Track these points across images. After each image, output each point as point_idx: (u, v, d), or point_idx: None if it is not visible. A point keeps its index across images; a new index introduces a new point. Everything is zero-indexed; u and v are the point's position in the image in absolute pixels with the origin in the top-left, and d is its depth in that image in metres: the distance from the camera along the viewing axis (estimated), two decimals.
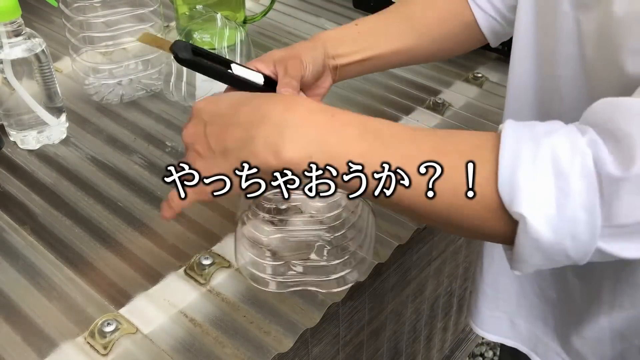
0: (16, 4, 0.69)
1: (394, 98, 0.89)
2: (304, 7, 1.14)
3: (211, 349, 0.54)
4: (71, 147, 0.78)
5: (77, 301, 0.58)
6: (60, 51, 0.96)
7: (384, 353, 0.87)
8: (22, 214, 0.68)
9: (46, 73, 0.74)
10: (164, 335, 0.55)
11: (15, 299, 0.58)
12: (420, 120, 0.85)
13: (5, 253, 0.63)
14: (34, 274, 0.61)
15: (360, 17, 0.70)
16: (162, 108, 0.85)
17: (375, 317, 0.80)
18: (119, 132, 0.81)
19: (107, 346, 0.54)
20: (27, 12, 0.78)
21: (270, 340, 0.55)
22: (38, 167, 0.74)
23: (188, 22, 0.96)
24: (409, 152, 0.41)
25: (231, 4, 0.95)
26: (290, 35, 1.05)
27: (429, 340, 1.03)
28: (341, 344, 0.72)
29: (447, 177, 0.40)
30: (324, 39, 0.65)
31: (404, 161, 0.41)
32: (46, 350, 0.54)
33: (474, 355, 1.57)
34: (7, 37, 0.70)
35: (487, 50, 0.99)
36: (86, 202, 0.69)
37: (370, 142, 0.42)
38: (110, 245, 0.64)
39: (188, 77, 0.83)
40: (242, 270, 0.61)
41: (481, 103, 0.89)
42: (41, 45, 0.72)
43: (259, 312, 0.58)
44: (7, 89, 0.72)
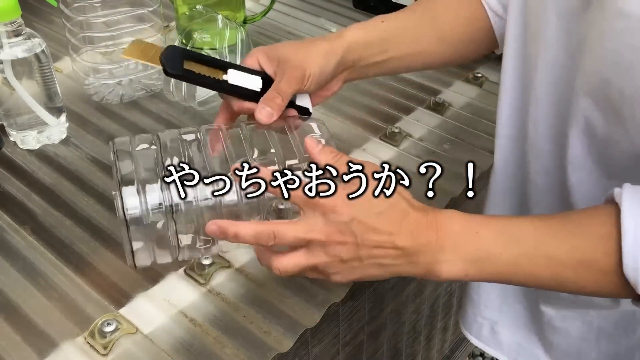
0: (16, 4, 0.69)
1: (394, 98, 0.89)
2: (304, 7, 1.14)
3: (211, 349, 0.54)
4: (71, 147, 0.78)
5: (77, 301, 0.58)
6: (60, 51, 0.96)
7: (384, 353, 0.87)
8: (22, 214, 0.68)
9: (46, 73, 0.74)
10: (164, 335, 0.55)
11: (15, 299, 0.58)
12: (420, 120, 0.85)
13: (6, 253, 0.63)
14: (34, 274, 0.61)
15: (360, 17, 0.70)
16: (162, 108, 0.85)
17: (375, 317, 0.80)
18: (119, 132, 0.81)
19: (107, 346, 0.54)
20: (27, 12, 0.78)
21: (270, 340, 0.55)
22: (38, 167, 0.74)
23: (188, 22, 0.96)
24: (548, 254, 0.47)
25: (231, 4, 0.95)
26: (290, 35, 1.05)
27: (429, 340, 1.03)
28: (341, 344, 0.72)
29: (580, 274, 0.47)
30: (348, 42, 0.63)
31: (546, 263, 0.48)
32: (46, 350, 0.54)
33: (474, 355, 1.57)
34: (7, 37, 0.70)
35: None
36: (86, 202, 0.69)
37: (516, 252, 0.48)
38: (110, 245, 0.64)
39: None
40: None
41: (481, 103, 0.89)
42: (41, 45, 0.72)
43: (259, 312, 0.58)
44: (7, 89, 0.72)
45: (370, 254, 0.48)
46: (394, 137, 0.81)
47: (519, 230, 0.49)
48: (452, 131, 0.83)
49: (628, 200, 0.44)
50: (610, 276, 0.45)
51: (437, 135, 0.82)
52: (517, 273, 0.48)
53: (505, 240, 0.48)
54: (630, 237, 0.43)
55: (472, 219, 0.50)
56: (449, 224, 0.49)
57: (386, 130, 0.82)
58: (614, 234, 0.44)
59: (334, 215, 0.48)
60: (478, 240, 0.48)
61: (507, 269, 0.48)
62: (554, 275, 0.47)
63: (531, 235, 0.48)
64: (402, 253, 0.48)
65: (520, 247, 0.48)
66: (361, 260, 0.49)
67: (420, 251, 0.48)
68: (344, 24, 1.08)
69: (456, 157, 0.78)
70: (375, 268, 0.49)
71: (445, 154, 0.78)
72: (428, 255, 0.48)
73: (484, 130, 0.83)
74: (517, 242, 0.48)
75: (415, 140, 0.81)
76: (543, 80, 0.54)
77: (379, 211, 0.48)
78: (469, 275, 0.49)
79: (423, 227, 0.49)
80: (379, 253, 0.48)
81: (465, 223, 0.49)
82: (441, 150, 0.79)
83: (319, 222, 0.48)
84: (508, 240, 0.48)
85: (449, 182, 0.73)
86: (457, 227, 0.49)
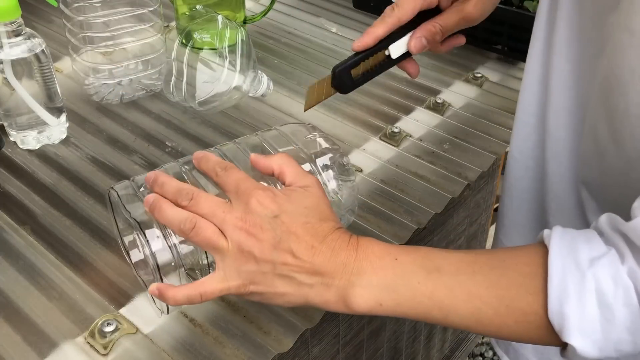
0: (16, 4, 0.69)
1: (394, 98, 0.89)
2: (304, 7, 1.14)
3: (211, 349, 0.54)
4: (71, 147, 0.78)
5: (77, 301, 0.58)
6: (60, 51, 0.96)
7: (384, 353, 0.87)
8: (22, 214, 0.68)
9: (46, 73, 0.74)
10: (164, 335, 0.55)
11: (15, 299, 0.58)
12: (420, 120, 0.85)
13: (5, 253, 0.63)
14: (34, 274, 0.61)
15: (360, 17, 0.70)
16: (162, 108, 0.85)
17: (375, 317, 0.80)
18: (119, 132, 0.81)
19: (107, 346, 0.54)
20: (27, 12, 0.78)
21: (270, 340, 0.55)
22: (38, 167, 0.74)
23: (188, 22, 0.96)
24: (469, 289, 0.45)
25: (231, 4, 0.95)
26: (290, 35, 1.05)
27: (428, 340, 1.03)
28: (341, 344, 0.72)
29: (500, 312, 0.44)
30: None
31: (466, 298, 0.45)
32: (46, 350, 0.54)
33: (474, 355, 1.58)
34: (7, 37, 0.70)
35: (487, 50, 0.99)
36: (86, 202, 0.69)
37: (435, 282, 0.45)
38: (110, 245, 0.64)
39: (188, 78, 0.83)
40: None
41: (481, 103, 0.89)
42: (41, 45, 0.72)
43: (259, 312, 0.58)
44: (7, 89, 0.72)
45: (285, 260, 0.46)
46: (394, 137, 0.81)
47: (440, 262, 0.46)
48: (452, 131, 0.83)
49: (557, 242, 0.43)
50: (531, 317, 0.43)
51: (437, 135, 0.82)
52: (435, 307, 0.45)
53: (425, 270, 0.45)
54: (556, 279, 0.42)
55: (393, 247, 0.48)
56: (370, 246, 0.47)
57: (386, 130, 0.82)
58: (540, 274, 0.43)
59: (260, 207, 0.46)
60: (397, 266, 0.46)
61: (424, 301, 0.45)
62: (474, 313, 0.44)
63: (453, 267, 0.46)
64: (317, 271, 0.46)
65: (440, 278, 0.45)
66: (274, 264, 0.46)
67: (337, 272, 0.46)
68: (344, 24, 1.08)
69: (456, 157, 0.78)
70: (285, 282, 0.46)
71: (445, 154, 0.78)
72: (343, 277, 0.46)
73: (484, 130, 0.83)
74: (437, 272, 0.45)
75: (415, 140, 0.81)
76: (564, 70, 0.54)
77: (306, 221, 0.47)
78: (383, 306, 0.45)
79: (344, 245, 0.47)
80: (293, 263, 0.46)
81: (385, 248, 0.47)
82: (441, 150, 0.79)
83: (240, 208, 0.47)
84: (428, 270, 0.45)
85: (449, 182, 0.73)
86: (377, 250, 0.47)
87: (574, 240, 0.43)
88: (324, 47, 1.02)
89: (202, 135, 0.80)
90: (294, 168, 0.50)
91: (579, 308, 0.41)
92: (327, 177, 0.57)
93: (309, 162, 0.56)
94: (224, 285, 0.47)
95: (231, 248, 0.46)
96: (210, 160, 0.51)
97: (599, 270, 0.41)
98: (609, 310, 0.40)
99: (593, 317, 0.41)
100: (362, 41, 0.59)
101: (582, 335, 0.41)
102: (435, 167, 0.76)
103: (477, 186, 0.97)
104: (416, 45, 0.61)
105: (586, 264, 0.41)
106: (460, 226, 0.89)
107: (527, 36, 0.60)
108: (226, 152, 0.56)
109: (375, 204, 0.69)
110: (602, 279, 0.40)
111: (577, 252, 0.42)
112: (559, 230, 0.44)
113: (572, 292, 0.41)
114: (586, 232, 0.44)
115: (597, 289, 0.40)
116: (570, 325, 0.41)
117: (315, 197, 0.49)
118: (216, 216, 0.47)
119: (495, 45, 0.97)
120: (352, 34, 1.05)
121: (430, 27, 0.61)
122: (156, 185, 0.50)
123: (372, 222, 0.67)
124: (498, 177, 1.06)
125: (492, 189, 1.05)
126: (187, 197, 0.48)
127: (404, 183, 0.73)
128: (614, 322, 0.40)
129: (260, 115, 0.85)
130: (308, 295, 0.46)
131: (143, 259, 0.57)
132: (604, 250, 0.42)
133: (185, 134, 0.80)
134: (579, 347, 0.41)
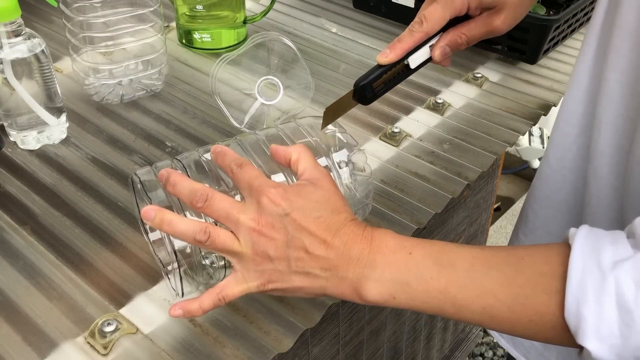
0: (16, 4, 0.69)
1: (394, 98, 0.89)
2: (304, 7, 1.14)
3: (211, 349, 0.54)
4: (71, 147, 0.78)
5: (77, 301, 0.58)
6: (60, 51, 0.96)
7: (383, 353, 0.87)
8: (23, 214, 0.68)
9: (46, 73, 0.74)
10: (164, 335, 0.55)
11: (15, 299, 0.58)
12: (420, 120, 0.85)
13: (6, 253, 0.63)
14: (34, 274, 0.61)
15: (360, 17, 0.70)
16: (162, 108, 0.85)
17: (375, 317, 0.80)
18: (119, 132, 0.81)
19: (107, 346, 0.54)
20: (27, 12, 0.78)
21: (270, 340, 0.55)
22: (38, 167, 0.74)
23: (188, 22, 0.96)
24: (482, 285, 0.44)
25: (231, 4, 0.95)
26: (290, 35, 1.05)
27: (428, 340, 1.03)
28: (341, 343, 0.72)
29: (514, 310, 0.43)
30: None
31: (479, 294, 0.44)
32: (46, 350, 0.54)
33: (474, 355, 1.58)
34: (7, 37, 0.70)
35: (487, 50, 0.99)
36: (86, 202, 0.69)
37: (448, 278, 0.45)
38: (110, 245, 0.64)
39: None
40: None
41: (481, 103, 0.89)
42: (41, 45, 0.72)
43: (259, 312, 0.58)
44: (7, 89, 0.72)
45: (299, 256, 0.47)
46: (394, 137, 0.81)
47: (455, 257, 0.46)
48: (451, 131, 0.83)
49: (581, 241, 0.42)
50: (547, 317, 0.42)
51: (437, 135, 0.82)
52: (447, 302, 0.45)
53: (439, 265, 0.45)
54: (575, 279, 0.40)
55: (408, 240, 0.48)
56: (384, 239, 0.47)
57: (386, 130, 0.82)
58: (558, 274, 0.41)
59: (271, 205, 0.47)
60: (410, 260, 0.46)
61: (437, 296, 0.45)
62: (486, 309, 0.44)
63: (468, 262, 0.45)
64: (331, 265, 0.47)
65: (453, 273, 0.45)
66: (289, 261, 0.47)
67: (350, 266, 0.46)
68: (344, 24, 1.08)
69: (456, 157, 0.78)
70: (302, 277, 0.47)
71: (444, 154, 0.78)
72: (357, 270, 0.46)
73: (484, 130, 0.83)
74: (451, 268, 0.45)
75: (415, 140, 0.81)
76: (618, 81, 0.53)
77: (318, 215, 0.47)
78: (397, 299, 0.46)
79: (357, 238, 0.47)
80: (307, 259, 0.46)
81: (400, 242, 0.47)
82: (441, 150, 0.79)
83: (252, 208, 0.48)
84: (442, 265, 0.45)
85: (449, 182, 0.73)
86: (392, 244, 0.47)
87: (600, 241, 0.42)
88: (324, 47, 1.02)
89: (202, 135, 0.80)
90: (308, 159, 0.51)
91: (596, 310, 0.39)
92: (342, 172, 0.57)
93: (324, 155, 0.57)
94: (243, 286, 0.48)
95: (246, 250, 0.48)
96: (227, 156, 0.52)
97: (622, 273, 0.39)
98: (629, 315, 0.39)
99: (611, 320, 0.39)
100: (388, 56, 0.59)
101: (598, 339, 0.40)
102: (435, 167, 0.76)
103: (477, 186, 0.97)
104: (440, 55, 0.61)
105: (609, 265, 0.40)
106: (460, 226, 0.89)
107: (527, 36, 0.60)
108: (245, 143, 0.58)
109: (375, 204, 0.69)
110: (624, 283, 0.39)
111: (600, 252, 0.41)
112: (585, 229, 0.43)
113: (590, 293, 0.40)
114: (614, 234, 0.42)
115: (618, 292, 0.39)
116: (587, 327, 0.40)
117: (326, 190, 0.49)
118: (230, 217, 0.48)
119: (495, 45, 0.97)
120: (352, 34, 1.05)
121: (456, 37, 0.61)
122: (169, 185, 0.50)
123: (372, 222, 0.67)
124: (498, 177, 1.06)
125: (492, 189, 1.05)
126: (202, 198, 0.48)
127: (403, 183, 0.73)
128: (635, 327, 0.39)
129: (261, 115, 0.85)
130: (325, 288, 0.48)
131: (161, 238, 0.59)
132: (629, 253, 0.40)
133: (185, 134, 0.81)
134: (595, 350, 0.40)
